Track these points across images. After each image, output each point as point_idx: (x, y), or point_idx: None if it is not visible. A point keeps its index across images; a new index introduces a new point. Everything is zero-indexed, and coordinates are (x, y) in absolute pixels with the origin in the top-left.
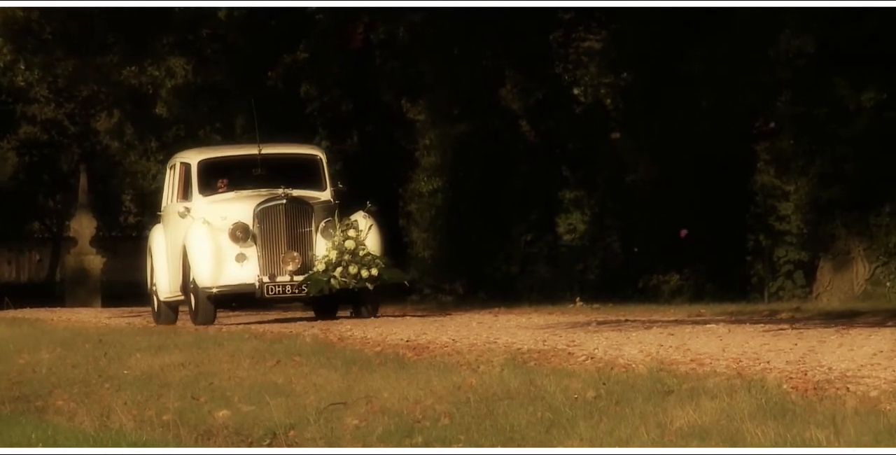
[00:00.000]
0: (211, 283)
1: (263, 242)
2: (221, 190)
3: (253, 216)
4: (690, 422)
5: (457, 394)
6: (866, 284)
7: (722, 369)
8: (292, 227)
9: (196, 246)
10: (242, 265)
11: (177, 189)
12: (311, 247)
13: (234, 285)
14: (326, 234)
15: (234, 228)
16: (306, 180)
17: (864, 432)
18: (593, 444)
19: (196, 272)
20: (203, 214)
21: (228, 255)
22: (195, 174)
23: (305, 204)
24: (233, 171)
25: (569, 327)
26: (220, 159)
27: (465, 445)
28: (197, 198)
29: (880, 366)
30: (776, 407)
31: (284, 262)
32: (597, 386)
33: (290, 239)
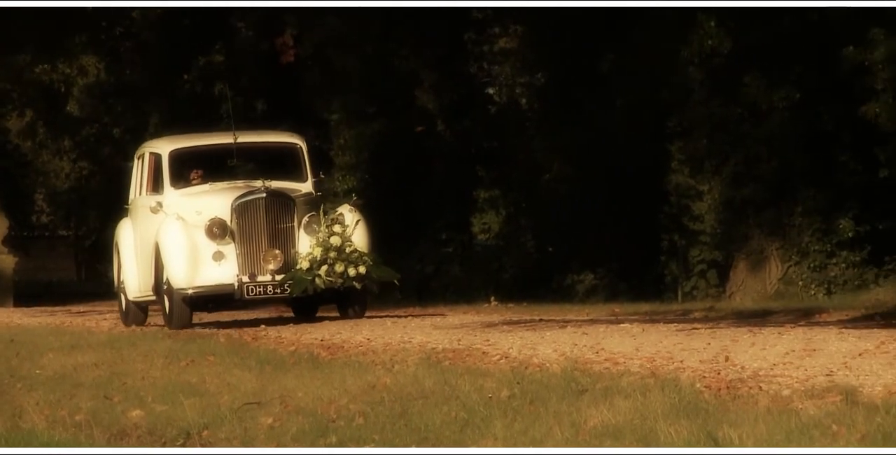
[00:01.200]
0: (186, 283)
1: (242, 239)
2: (195, 182)
3: (231, 211)
4: (604, 421)
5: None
6: (779, 284)
7: (636, 369)
8: (273, 222)
9: (170, 244)
10: (220, 264)
11: (146, 181)
12: (294, 243)
13: (212, 286)
14: (310, 229)
15: (211, 224)
16: (286, 171)
17: (776, 431)
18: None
19: (170, 272)
20: (176, 209)
21: (205, 254)
22: (166, 165)
23: (287, 197)
24: (207, 161)
25: (483, 327)
26: (192, 149)
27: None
28: (169, 191)
29: (792, 365)
30: (689, 406)
31: (265, 261)
32: (511, 385)
33: (270, 235)
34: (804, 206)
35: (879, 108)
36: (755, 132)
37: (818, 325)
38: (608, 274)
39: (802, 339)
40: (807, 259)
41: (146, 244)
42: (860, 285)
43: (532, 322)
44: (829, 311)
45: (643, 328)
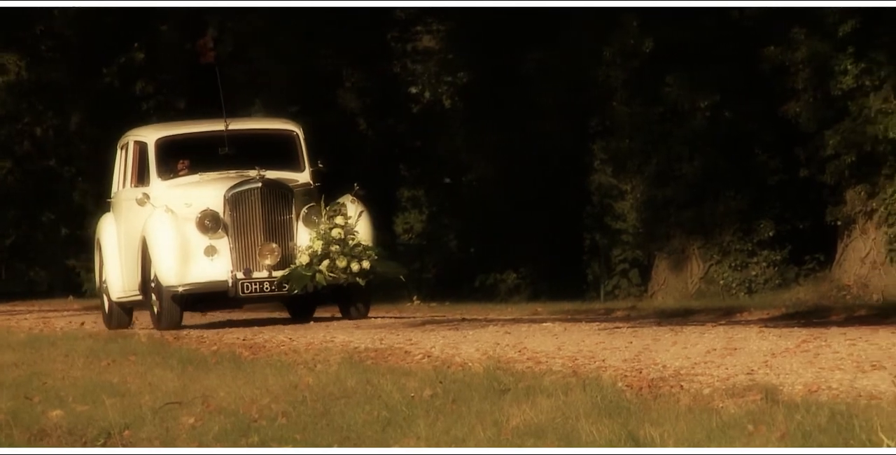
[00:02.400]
0: (176, 280)
1: (236, 233)
2: (183, 172)
3: (223, 202)
4: (526, 420)
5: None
6: (700, 283)
7: (558, 367)
8: (270, 214)
9: (158, 238)
10: (212, 259)
11: (130, 172)
12: (292, 237)
13: (204, 283)
14: (309, 221)
15: (203, 217)
16: (281, 160)
17: (696, 430)
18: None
19: (159, 268)
20: (164, 201)
21: (196, 249)
22: (152, 154)
23: (284, 187)
24: (195, 150)
25: (406, 326)
26: (180, 137)
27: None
28: (155, 182)
29: (713, 364)
30: (611, 405)
31: (261, 256)
32: (434, 384)
33: (267, 228)
34: (725, 205)
35: (800, 108)
36: (677, 132)
37: (739, 324)
38: (531, 273)
39: (723, 338)
40: (728, 258)
41: (131, 240)
42: (781, 284)
43: (454, 321)
44: (750, 310)
45: (565, 327)
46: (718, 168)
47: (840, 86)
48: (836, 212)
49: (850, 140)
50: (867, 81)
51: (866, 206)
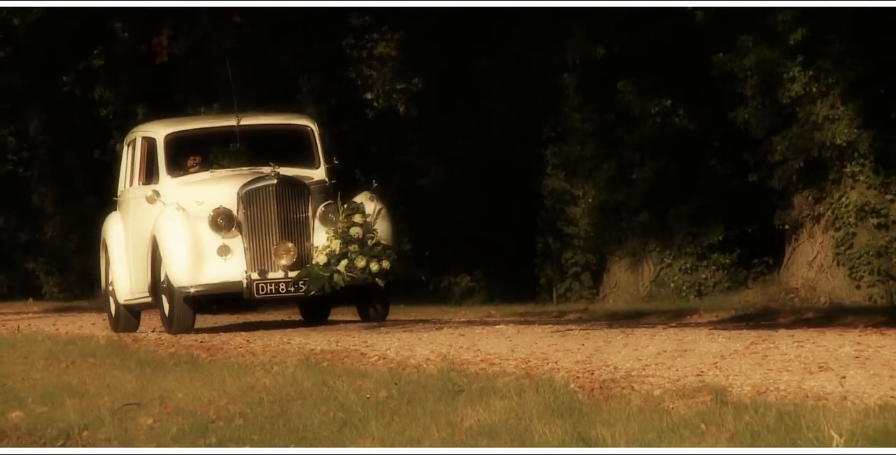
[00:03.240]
0: (189, 281)
1: (251, 231)
2: (193, 169)
3: (237, 200)
4: (480, 421)
5: (250, 394)
6: (651, 286)
7: (511, 369)
8: (285, 212)
9: (169, 237)
10: (226, 259)
11: (138, 169)
12: (309, 236)
13: (217, 284)
14: (326, 220)
15: (216, 215)
16: (295, 156)
17: (647, 430)
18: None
19: (170, 269)
20: (174, 199)
21: (209, 248)
22: (161, 151)
23: (301, 184)
24: (206, 146)
25: (361, 328)
26: (191, 132)
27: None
28: (165, 179)
29: (664, 365)
30: (563, 406)
31: (277, 255)
32: (389, 386)
33: (282, 227)
34: (676, 210)
35: (748, 114)
36: (628, 138)
37: (689, 326)
38: (484, 276)
39: (674, 339)
40: (678, 262)
41: (140, 240)
42: (730, 287)
43: (409, 323)
44: (700, 313)
45: (518, 329)
46: (669, 173)
47: (788, 93)
48: (784, 216)
49: (798, 146)
50: (815, 88)
51: (813, 211)
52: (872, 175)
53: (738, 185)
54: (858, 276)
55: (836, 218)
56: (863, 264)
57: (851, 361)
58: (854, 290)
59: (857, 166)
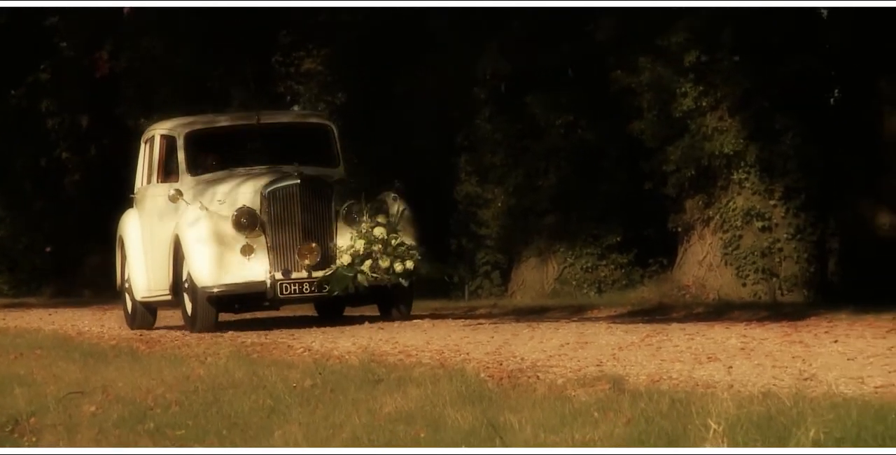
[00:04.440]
0: (212, 281)
1: (274, 231)
2: (212, 167)
3: (260, 199)
4: (398, 407)
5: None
6: (555, 283)
7: (427, 360)
8: (309, 211)
9: (193, 237)
10: (249, 259)
11: (157, 167)
12: (332, 236)
13: (241, 284)
14: (350, 220)
15: (239, 215)
16: (315, 155)
17: (551, 416)
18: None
19: (193, 268)
20: (195, 198)
21: (232, 248)
22: (181, 149)
23: (324, 183)
24: (225, 144)
25: (289, 322)
26: (211, 130)
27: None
28: (185, 177)
29: (566, 356)
30: (475, 394)
31: (301, 256)
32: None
33: (306, 226)
34: (578, 213)
35: (644, 126)
36: (535, 147)
37: (590, 320)
38: None
39: (576, 332)
40: (580, 261)
41: (158, 238)
42: (627, 284)
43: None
44: (600, 308)
45: (433, 323)
46: (572, 180)
47: (680, 107)
48: (676, 220)
49: (690, 155)
50: (704, 103)
51: (704, 215)
52: (757, 182)
53: (635, 191)
54: (744, 274)
55: (724, 221)
56: (748, 264)
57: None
58: (740, 288)
59: (744, 174)
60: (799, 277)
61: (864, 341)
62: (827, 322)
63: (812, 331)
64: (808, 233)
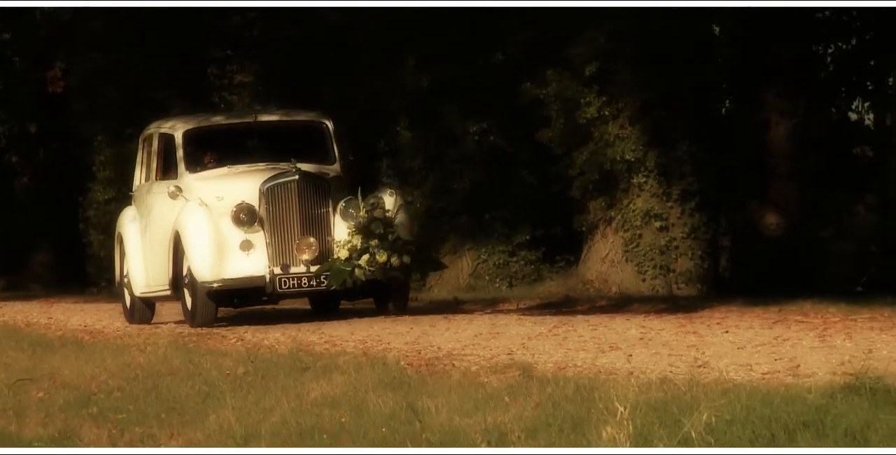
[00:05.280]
0: (212, 276)
1: (273, 227)
2: (210, 165)
3: (259, 195)
4: (324, 393)
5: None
6: (470, 278)
7: (351, 349)
8: (307, 207)
9: (193, 232)
10: (248, 254)
11: (155, 165)
12: (330, 231)
13: (240, 278)
14: (347, 215)
15: (238, 211)
16: (311, 151)
17: (466, 401)
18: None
19: (193, 264)
20: (195, 194)
21: (231, 243)
22: (180, 147)
23: (322, 179)
24: (223, 142)
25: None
26: (209, 129)
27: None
28: (184, 175)
29: (480, 345)
30: (395, 380)
31: (299, 250)
32: (246, 363)
33: (304, 222)
34: (491, 214)
35: (552, 134)
36: (451, 153)
37: (501, 312)
38: None
39: (488, 324)
40: (493, 258)
41: (157, 234)
42: (536, 279)
43: (264, 312)
44: (511, 301)
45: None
46: (485, 183)
47: (585, 115)
48: (581, 220)
49: (593, 161)
50: (607, 112)
51: (606, 215)
52: (656, 185)
53: (544, 194)
54: (643, 270)
55: (625, 221)
56: (647, 260)
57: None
58: (640, 283)
59: (643, 178)
60: (693, 273)
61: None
62: (719, 314)
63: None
64: (702, 232)
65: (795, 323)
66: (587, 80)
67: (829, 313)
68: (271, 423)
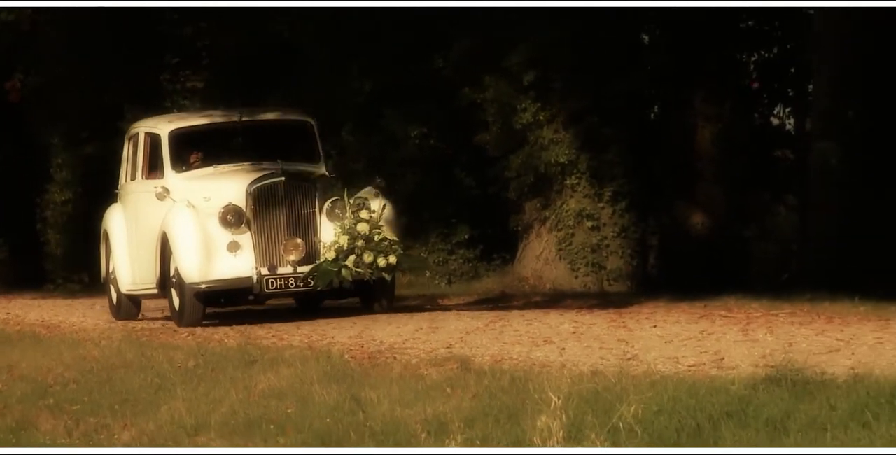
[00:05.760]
0: (200, 277)
1: (260, 227)
2: (195, 164)
3: (246, 196)
4: (271, 385)
5: (83, 363)
6: (410, 275)
7: (297, 343)
8: (293, 208)
9: (180, 233)
10: (236, 255)
11: (141, 164)
12: (316, 231)
13: (228, 280)
14: (333, 215)
15: (226, 212)
16: (296, 151)
17: (406, 392)
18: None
19: (181, 264)
20: (181, 195)
21: (219, 244)
22: (166, 146)
23: (308, 180)
24: (208, 142)
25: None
26: (194, 128)
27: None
28: (170, 174)
29: (420, 339)
30: (339, 373)
31: (286, 251)
32: (196, 356)
33: (290, 223)
34: (431, 214)
35: (489, 138)
36: (393, 155)
37: (441, 308)
38: None
39: (428, 319)
40: (433, 256)
41: (144, 233)
42: (473, 277)
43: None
44: (450, 297)
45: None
46: (426, 185)
47: (521, 120)
48: (517, 220)
49: (529, 164)
50: (542, 117)
51: (541, 215)
52: (588, 186)
53: (481, 195)
54: (576, 267)
55: (559, 221)
56: (580, 258)
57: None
58: (572, 279)
59: (576, 179)
60: (623, 270)
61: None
62: (647, 309)
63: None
64: (632, 231)
65: (720, 318)
66: (524, 86)
67: (751, 309)
68: (220, 414)
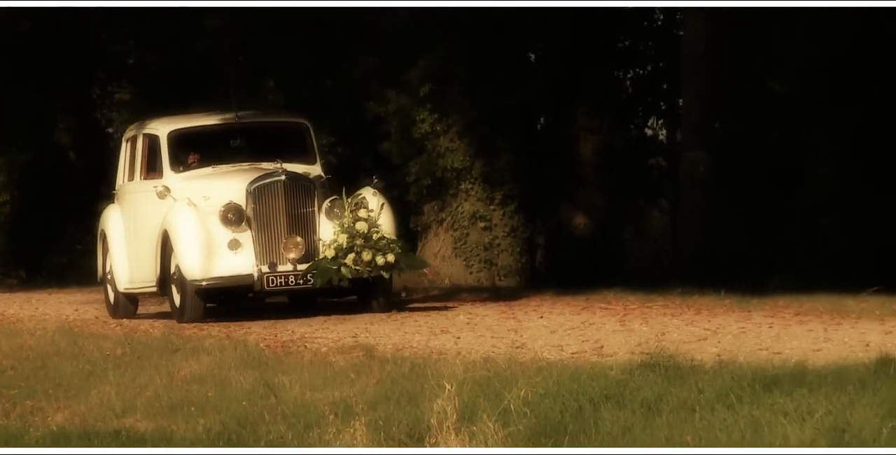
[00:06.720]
0: (201, 275)
1: (260, 226)
2: (193, 165)
3: (246, 195)
4: (192, 371)
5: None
6: None
7: (216, 333)
8: (293, 207)
9: (182, 232)
10: (236, 253)
11: (139, 165)
12: (315, 230)
13: (228, 277)
14: (332, 214)
15: (226, 210)
16: (292, 152)
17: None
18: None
19: (182, 262)
20: (181, 194)
21: (219, 242)
22: (165, 147)
23: (307, 180)
24: (206, 143)
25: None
26: (193, 129)
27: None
28: (169, 174)
29: (329, 329)
30: (254, 360)
31: (286, 249)
32: (124, 345)
33: (290, 221)
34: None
35: (391, 146)
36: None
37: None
38: None
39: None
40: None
41: (143, 232)
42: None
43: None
44: None
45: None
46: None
47: (419, 130)
48: (417, 220)
49: (427, 169)
50: (438, 127)
51: (438, 217)
52: (481, 190)
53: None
54: (471, 264)
55: (455, 221)
56: (474, 256)
57: (464, 326)
58: (467, 275)
59: (470, 184)
60: (513, 266)
61: (563, 317)
62: (535, 302)
63: (523, 309)
64: (521, 231)
65: (600, 310)
66: (421, 99)
67: (628, 301)
68: (146, 398)
